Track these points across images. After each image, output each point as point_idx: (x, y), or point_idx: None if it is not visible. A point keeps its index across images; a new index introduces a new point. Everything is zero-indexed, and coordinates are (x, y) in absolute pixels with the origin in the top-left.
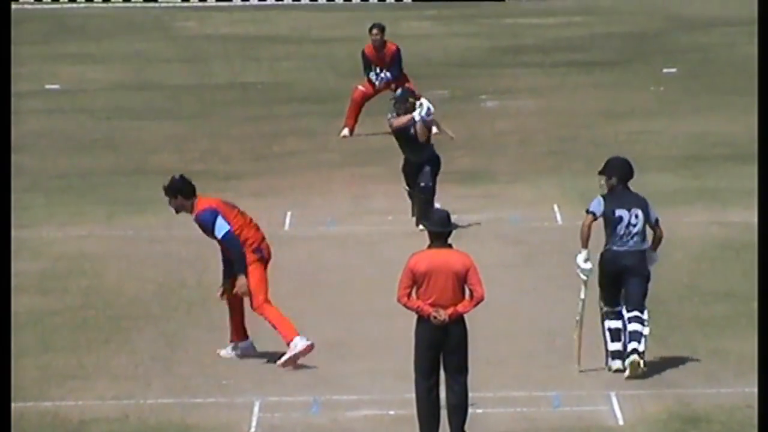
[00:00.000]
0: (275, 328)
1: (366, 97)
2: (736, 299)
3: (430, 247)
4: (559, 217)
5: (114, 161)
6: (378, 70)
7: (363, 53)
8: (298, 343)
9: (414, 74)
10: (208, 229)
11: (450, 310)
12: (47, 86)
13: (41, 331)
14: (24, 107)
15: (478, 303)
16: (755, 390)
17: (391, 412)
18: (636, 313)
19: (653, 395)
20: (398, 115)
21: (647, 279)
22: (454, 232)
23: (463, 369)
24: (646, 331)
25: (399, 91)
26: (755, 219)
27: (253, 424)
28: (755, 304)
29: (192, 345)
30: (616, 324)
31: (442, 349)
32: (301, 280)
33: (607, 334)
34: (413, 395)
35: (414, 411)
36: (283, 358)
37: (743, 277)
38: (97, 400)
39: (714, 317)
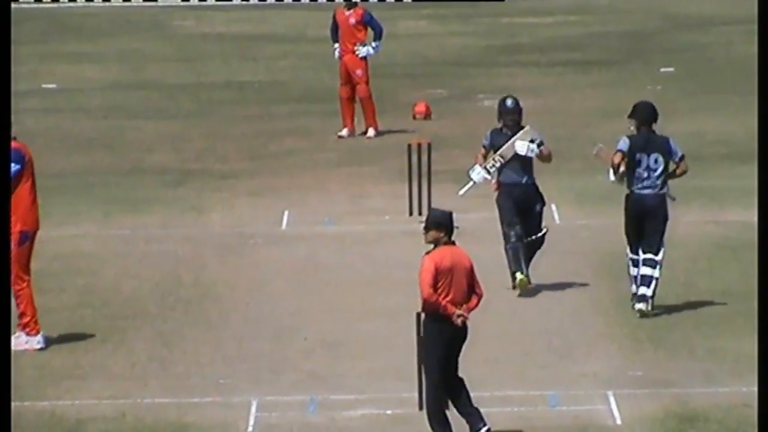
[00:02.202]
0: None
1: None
2: (734, 298)
3: (444, 245)
4: (556, 217)
5: (111, 160)
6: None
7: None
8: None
9: (411, 73)
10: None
11: (465, 308)
12: (44, 85)
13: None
14: (21, 106)
15: (480, 300)
16: (754, 389)
17: (389, 412)
18: (650, 255)
19: (650, 394)
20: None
21: (665, 220)
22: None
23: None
24: (657, 273)
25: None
26: (753, 218)
27: (251, 423)
28: (753, 303)
29: (189, 344)
30: (635, 270)
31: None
32: (298, 279)
33: (633, 279)
34: (413, 395)
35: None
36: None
37: (740, 276)
38: (94, 399)
39: (711, 316)
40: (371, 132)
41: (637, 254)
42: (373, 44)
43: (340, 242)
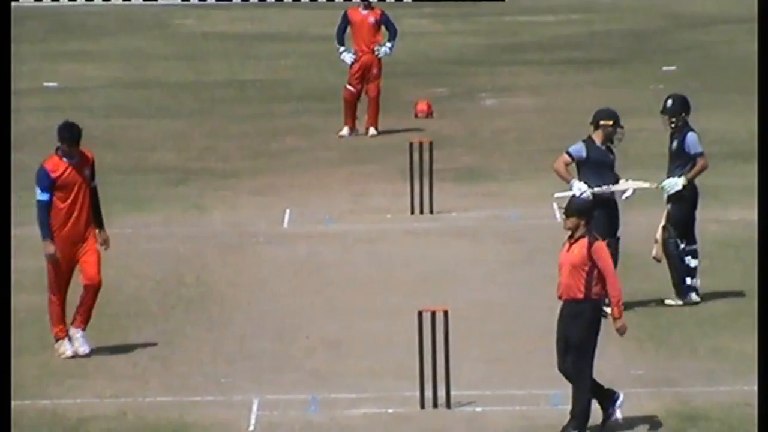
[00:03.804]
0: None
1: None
2: (735, 297)
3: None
4: (558, 215)
5: (112, 159)
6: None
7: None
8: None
9: (413, 72)
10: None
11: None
12: (46, 84)
13: (40, 329)
14: (22, 105)
15: None
16: (755, 388)
17: (390, 411)
18: (695, 246)
19: (652, 393)
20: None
21: None
22: (454, 229)
23: None
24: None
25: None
26: (755, 217)
27: (252, 422)
28: (755, 302)
29: (190, 343)
30: (695, 262)
31: None
32: (299, 277)
33: (691, 271)
34: (414, 393)
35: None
36: None
37: (743, 275)
38: (96, 398)
39: (713, 315)
40: (373, 130)
41: (696, 243)
42: (389, 44)
43: (342, 241)
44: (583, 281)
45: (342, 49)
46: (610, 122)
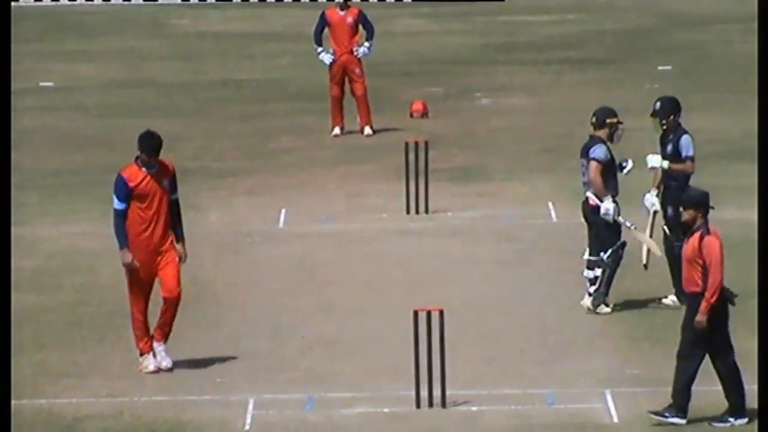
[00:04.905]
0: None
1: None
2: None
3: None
4: (553, 215)
5: (108, 158)
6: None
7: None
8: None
9: (408, 71)
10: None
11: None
12: (41, 84)
13: (36, 329)
14: (18, 105)
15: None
16: (754, 387)
17: (386, 410)
18: None
19: (648, 393)
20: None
21: None
22: (449, 228)
23: None
24: None
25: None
26: (749, 216)
27: (248, 421)
28: (752, 302)
29: (186, 342)
30: None
31: None
32: (295, 277)
33: None
34: (410, 393)
35: (412, 407)
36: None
37: (737, 275)
38: (92, 397)
39: None
40: (368, 130)
41: None
42: (367, 44)
43: (338, 240)
44: (699, 274)
45: (320, 49)
46: (615, 119)
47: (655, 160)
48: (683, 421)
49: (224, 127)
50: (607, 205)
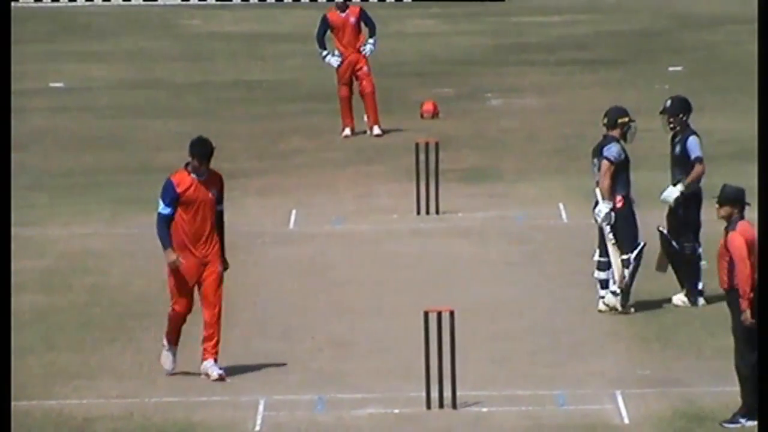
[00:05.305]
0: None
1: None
2: None
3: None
4: (564, 216)
5: (118, 159)
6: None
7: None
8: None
9: (419, 72)
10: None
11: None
12: (51, 84)
13: (45, 330)
14: (28, 105)
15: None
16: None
17: (396, 411)
18: (700, 250)
19: (658, 393)
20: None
21: None
22: (460, 229)
23: None
24: None
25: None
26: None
27: (258, 422)
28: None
29: (197, 343)
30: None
31: None
32: (305, 278)
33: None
34: (420, 394)
35: (422, 408)
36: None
37: None
38: (102, 398)
39: (719, 315)
40: (377, 129)
41: None
42: (371, 41)
43: (348, 241)
44: (726, 271)
45: (325, 52)
46: (627, 118)
47: (668, 194)
48: (754, 422)
49: (235, 127)
50: (602, 207)
